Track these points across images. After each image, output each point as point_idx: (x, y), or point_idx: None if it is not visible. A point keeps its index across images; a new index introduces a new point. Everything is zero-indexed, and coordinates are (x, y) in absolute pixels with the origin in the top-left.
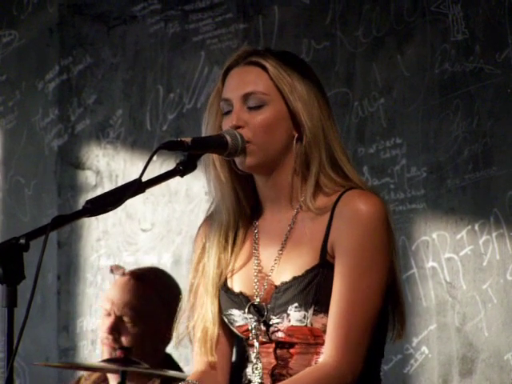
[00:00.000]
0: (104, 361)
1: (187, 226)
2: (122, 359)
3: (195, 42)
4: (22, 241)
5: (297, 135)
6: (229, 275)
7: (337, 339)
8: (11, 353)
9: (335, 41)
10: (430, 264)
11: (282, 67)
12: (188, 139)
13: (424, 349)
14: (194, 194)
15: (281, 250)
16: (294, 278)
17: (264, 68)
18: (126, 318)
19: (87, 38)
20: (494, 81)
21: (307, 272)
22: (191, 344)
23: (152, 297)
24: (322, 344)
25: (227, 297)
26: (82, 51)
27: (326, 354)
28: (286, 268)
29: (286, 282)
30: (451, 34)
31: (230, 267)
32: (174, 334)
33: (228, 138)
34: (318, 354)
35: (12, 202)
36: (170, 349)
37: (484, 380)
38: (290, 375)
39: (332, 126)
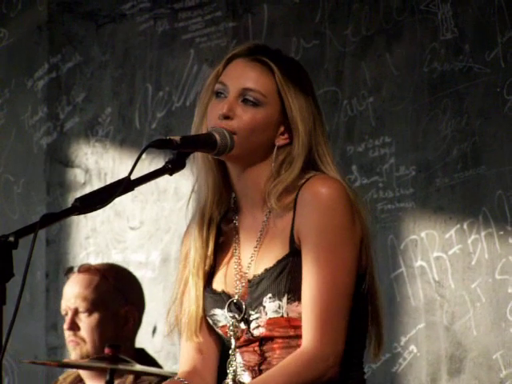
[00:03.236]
0: (92, 359)
1: (176, 224)
2: (111, 357)
3: (184, 40)
4: (11, 238)
5: (279, 143)
6: (213, 274)
7: (312, 322)
8: (0, 350)
9: (324, 39)
10: (419, 263)
11: (288, 75)
12: (177, 138)
13: (412, 348)
14: (183, 192)
15: (256, 247)
16: (266, 270)
17: (271, 70)
18: (80, 310)
19: (76, 36)
20: (483, 80)
21: (278, 262)
22: (180, 337)
23: (100, 283)
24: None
25: (210, 297)
26: (71, 49)
27: (305, 339)
28: (260, 262)
29: (259, 275)
30: (440, 32)
31: (214, 266)
32: (166, 322)
33: (217, 136)
34: (299, 346)
35: (1, 199)
36: (162, 344)
37: (473, 379)
38: None
39: (322, 133)
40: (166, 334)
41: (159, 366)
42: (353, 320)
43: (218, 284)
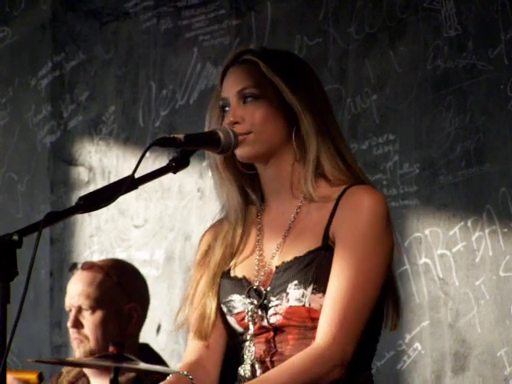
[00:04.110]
0: (97, 357)
1: (180, 222)
2: (115, 355)
3: (188, 38)
4: (15, 237)
5: (295, 128)
6: (232, 267)
7: (330, 319)
8: (4, 349)
9: (328, 37)
10: (423, 260)
11: (274, 62)
12: (181, 136)
13: (417, 345)
14: (187, 190)
15: (283, 239)
16: (296, 258)
17: (256, 64)
18: (83, 307)
19: (80, 34)
20: (486, 77)
21: (308, 253)
22: (187, 334)
23: (103, 280)
24: None
25: (228, 283)
26: (74, 47)
27: (319, 334)
28: (288, 251)
29: (288, 262)
30: (444, 30)
31: (233, 261)
32: (174, 319)
33: (221, 134)
34: (315, 339)
35: (5, 198)
36: (166, 342)
37: (477, 376)
38: None
39: (330, 118)
40: (172, 331)
41: (164, 362)
42: (367, 323)
43: (238, 271)
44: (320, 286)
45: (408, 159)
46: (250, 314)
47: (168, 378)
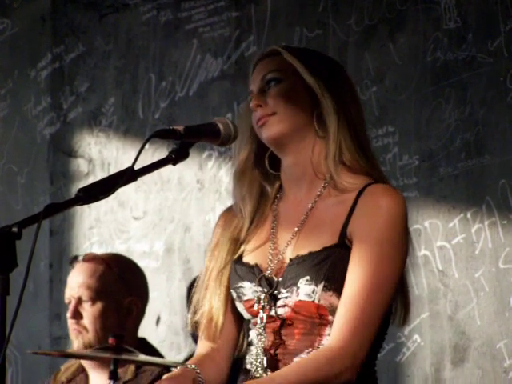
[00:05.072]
0: (96, 349)
1: (179, 214)
2: (114, 347)
3: (187, 30)
4: (15, 229)
5: (317, 111)
6: (244, 253)
7: (345, 321)
8: (4, 341)
9: (327, 29)
10: (422, 252)
11: (295, 50)
12: (180, 127)
13: (416, 337)
14: (186, 182)
15: (299, 229)
16: (310, 253)
17: (278, 53)
18: (83, 299)
19: (79, 26)
20: (486, 69)
21: (324, 249)
22: (197, 330)
23: (104, 272)
24: (326, 325)
25: (240, 269)
26: (74, 39)
27: (332, 337)
28: (303, 244)
29: (302, 256)
30: (443, 22)
31: (245, 247)
32: (189, 316)
33: (220, 126)
34: (321, 335)
35: (4, 189)
36: (166, 334)
37: (476, 368)
38: (292, 355)
39: (354, 106)
40: (189, 328)
41: (161, 356)
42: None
43: (250, 257)
44: (331, 284)
45: (407, 151)
46: (261, 301)
47: (174, 370)
